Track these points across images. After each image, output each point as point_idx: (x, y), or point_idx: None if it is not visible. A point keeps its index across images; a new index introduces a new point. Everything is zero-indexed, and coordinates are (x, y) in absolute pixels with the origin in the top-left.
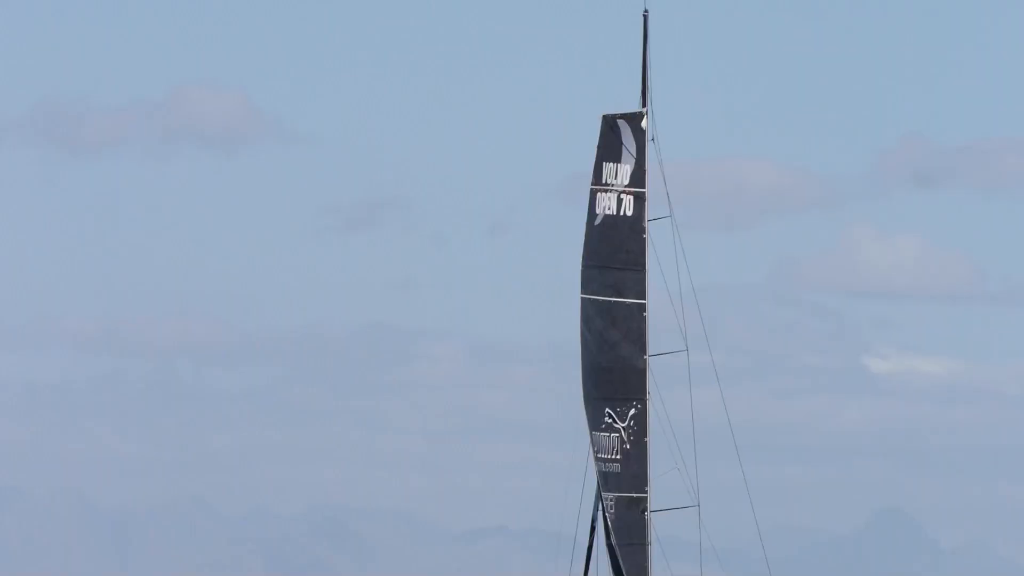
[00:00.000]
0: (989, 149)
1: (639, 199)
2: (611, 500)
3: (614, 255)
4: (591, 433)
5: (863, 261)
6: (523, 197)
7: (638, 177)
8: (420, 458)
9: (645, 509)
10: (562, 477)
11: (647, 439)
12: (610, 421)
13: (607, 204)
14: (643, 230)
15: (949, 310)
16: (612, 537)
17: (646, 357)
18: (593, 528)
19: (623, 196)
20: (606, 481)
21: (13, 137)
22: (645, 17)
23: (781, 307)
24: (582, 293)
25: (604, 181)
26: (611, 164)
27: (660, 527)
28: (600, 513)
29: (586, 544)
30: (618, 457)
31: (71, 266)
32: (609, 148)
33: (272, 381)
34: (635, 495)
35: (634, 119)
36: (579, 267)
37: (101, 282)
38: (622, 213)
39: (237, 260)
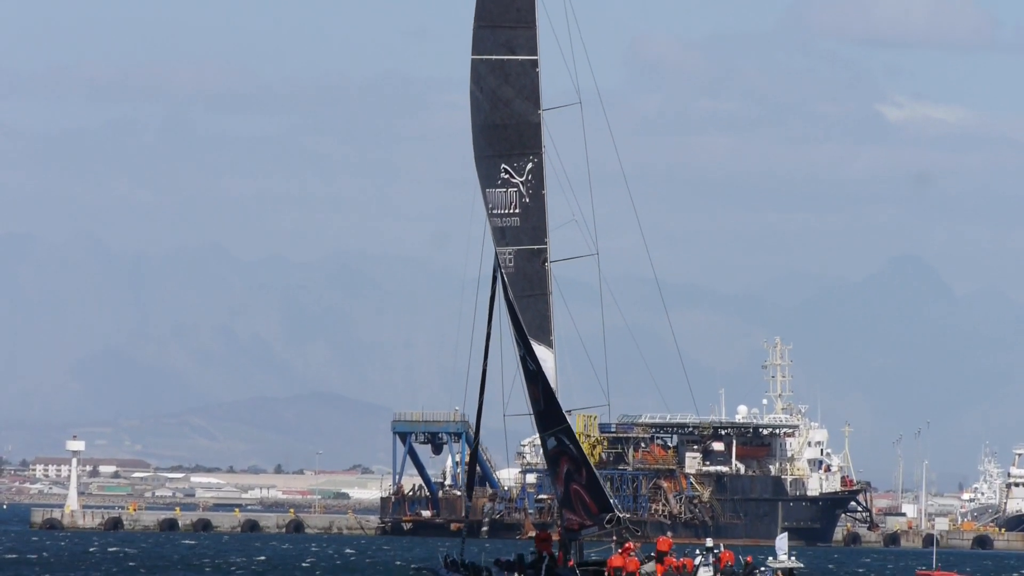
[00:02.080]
0: None
1: None
2: (510, 254)
3: (504, 14)
4: (484, 191)
5: (877, 9)
6: None
7: None
8: (433, 207)
9: (545, 260)
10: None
11: (544, 192)
12: (506, 177)
13: None
14: None
15: (963, 59)
16: (509, 291)
17: (540, 112)
18: (495, 280)
19: None
20: (503, 235)
21: None
22: None
23: (794, 55)
24: (473, 54)
25: None
26: None
27: (564, 275)
28: (498, 269)
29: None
30: (517, 211)
31: (86, 12)
32: None
33: (287, 129)
34: (535, 247)
35: None
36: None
37: (116, 28)
38: None
39: (251, 7)
